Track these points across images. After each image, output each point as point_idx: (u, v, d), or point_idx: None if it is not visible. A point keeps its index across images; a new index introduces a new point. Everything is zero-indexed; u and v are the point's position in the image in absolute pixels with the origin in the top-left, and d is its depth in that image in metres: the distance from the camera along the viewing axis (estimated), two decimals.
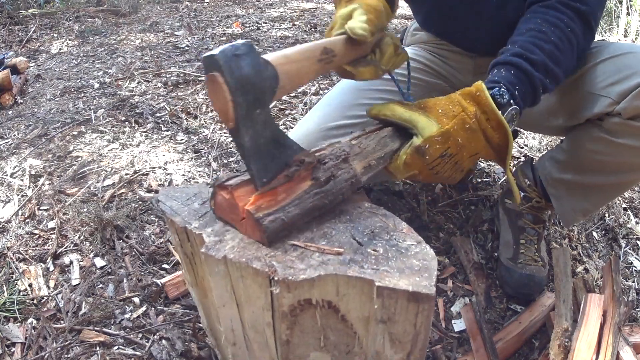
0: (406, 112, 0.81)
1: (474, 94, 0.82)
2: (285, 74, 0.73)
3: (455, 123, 0.79)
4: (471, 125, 0.80)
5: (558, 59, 0.92)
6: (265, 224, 0.66)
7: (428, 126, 0.78)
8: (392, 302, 0.62)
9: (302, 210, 0.70)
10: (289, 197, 0.70)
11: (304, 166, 0.72)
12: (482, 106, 0.80)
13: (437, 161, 0.79)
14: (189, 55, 3.04)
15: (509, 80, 0.87)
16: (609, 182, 1.13)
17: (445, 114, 0.79)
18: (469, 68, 1.31)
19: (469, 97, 0.82)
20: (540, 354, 1.14)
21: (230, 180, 0.71)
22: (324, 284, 0.62)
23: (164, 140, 2.04)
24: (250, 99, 0.67)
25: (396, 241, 0.70)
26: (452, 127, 0.78)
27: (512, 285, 1.30)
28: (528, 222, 1.37)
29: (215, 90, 0.66)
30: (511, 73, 0.88)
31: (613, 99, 0.98)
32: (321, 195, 0.72)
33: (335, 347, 0.70)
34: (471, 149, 0.81)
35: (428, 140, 0.78)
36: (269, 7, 4.58)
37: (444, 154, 0.79)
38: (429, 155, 0.78)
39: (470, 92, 0.82)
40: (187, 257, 0.80)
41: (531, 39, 0.92)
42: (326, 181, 0.73)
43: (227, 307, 0.72)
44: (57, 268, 1.37)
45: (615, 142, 1.02)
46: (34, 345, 1.15)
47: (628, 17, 4.22)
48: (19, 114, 2.36)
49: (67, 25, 3.95)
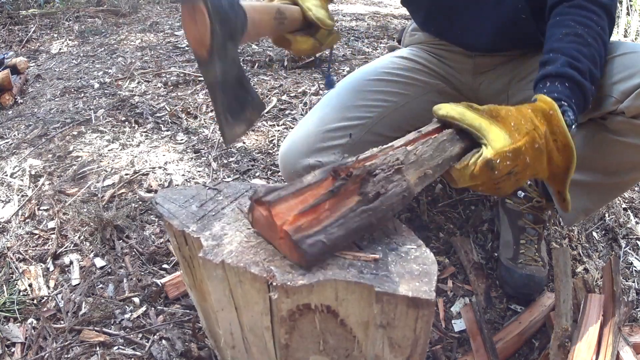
0: (477, 119, 0.76)
1: (547, 113, 0.79)
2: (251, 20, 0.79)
3: (527, 141, 0.75)
4: (540, 146, 0.77)
5: (596, 60, 0.91)
6: (304, 248, 0.60)
7: (500, 139, 0.74)
8: (392, 308, 0.61)
9: (346, 231, 0.64)
10: (333, 216, 0.63)
11: (352, 179, 0.66)
12: (553, 127, 0.78)
13: (504, 178, 0.76)
14: (189, 55, 3.03)
15: (567, 95, 0.84)
16: (611, 181, 1.12)
17: (517, 129, 0.76)
18: (469, 68, 1.31)
19: (542, 115, 0.79)
20: (540, 354, 1.14)
21: (268, 195, 0.64)
22: (323, 289, 0.62)
23: (164, 140, 2.04)
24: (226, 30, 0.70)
25: (396, 245, 0.70)
26: (524, 145, 0.75)
27: (512, 285, 1.30)
28: (528, 222, 1.37)
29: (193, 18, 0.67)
30: (566, 86, 0.86)
31: (616, 98, 0.98)
32: (369, 213, 0.65)
33: (335, 351, 0.70)
34: (534, 170, 0.79)
35: (500, 155, 0.73)
36: None
37: (511, 171, 0.75)
38: (498, 170, 0.74)
39: (543, 109, 0.80)
40: (185, 260, 0.80)
41: (572, 45, 0.90)
42: (375, 197, 0.66)
43: (225, 311, 0.72)
44: (57, 268, 1.38)
45: (618, 140, 1.01)
46: (34, 345, 1.15)
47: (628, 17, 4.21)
48: (19, 114, 2.36)
49: (67, 25, 3.94)
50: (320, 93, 2.43)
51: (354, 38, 3.49)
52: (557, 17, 0.99)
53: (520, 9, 1.12)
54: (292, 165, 1.19)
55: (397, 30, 3.45)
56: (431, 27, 1.33)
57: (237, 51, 0.76)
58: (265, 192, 0.65)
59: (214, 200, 0.81)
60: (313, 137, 1.19)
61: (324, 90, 0.94)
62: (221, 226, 0.74)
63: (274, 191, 0.65)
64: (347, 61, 2.95)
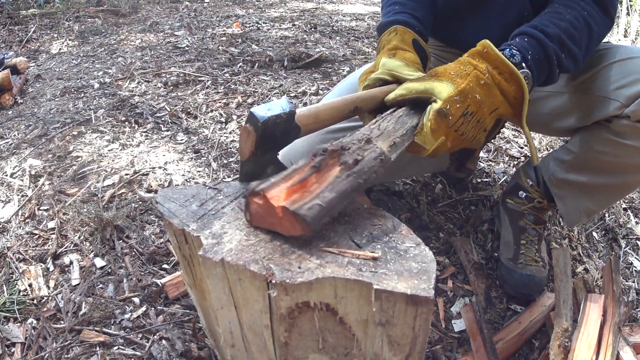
0: (421, 85, 0.82)
1: (481, 52, 0.84)
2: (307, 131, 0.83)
3: (470, 80, 0.80)
4: (486, 81, 0.81)
5: (573, 35, 0.92)
6: (303, 213, 0.64)
7: (444, 89, 0.80)
8: (391, 305, 0.61)
9: (338, 192, 0.68)
10: (322, 185, 0.69)
11: (329, 154, 0.72)
12: (492, 61, 0.83)
13: (460, 120, 0.80)
14: (189, 55, 3.03)
15: (521, 45, 0.88)
16: (614, 183, 1.13)
17: (458, 75, 0.81)
18: None
19: (478, 55, 0.84)
20: (540, 354, 1.14)
21: (260, 185, 0.69)
22: (322, 286, 0.62)
23: (164, 140, 2.04)
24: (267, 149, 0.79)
25: (395, 243, 0.70)
26: (468, 85, 0.80)
27: (513, 285, 1.30)
28: (529, 223, 1.37)
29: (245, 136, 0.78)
30: (525, 40, 0.89)
31: (622, 102, 0.99)
32: (354, 175, 0.71)
33: (334, 349, 0.70)
34: (490, 105, 0.82)
35: (447, 101, 0.78)
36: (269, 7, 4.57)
37: (466, 112, 0.80)
38: (451, 115, 0.79)
39: (478, 50, 0.84)
40: (185, 259, 0.80)
41: (547, 17, 0.94)
42: (355, 163, 0.71)
43: (225, 310, 0.72)
44: (57, 268, 1.38)
45: (623, 143, 1.03)
46: (34, 345, 1.15)
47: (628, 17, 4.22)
48: (19, 114, 2.36)
49: (67, 26, 3.95)
50: (321, 93, 2.43)
51: (354, 38, 3.49)
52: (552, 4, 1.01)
53: (526, 16, 1.13)
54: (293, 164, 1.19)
55: None
56: (437, 33, 1.33)
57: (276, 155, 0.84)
58: (257, 184, 0.69)
59: (214, 200, 0.81)
60: (314, 138, 1.18)
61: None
62: (221, 225, 0.74)
63: (265, 182, 0.70)
64: (347, 61, 2.95)
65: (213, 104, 2.36)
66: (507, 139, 2.13)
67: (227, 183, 0.87)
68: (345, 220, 0.75)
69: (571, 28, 0.93)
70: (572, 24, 0.93)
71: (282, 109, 0.78)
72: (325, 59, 2.92)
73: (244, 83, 2.57)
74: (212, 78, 2.64)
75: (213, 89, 2.52)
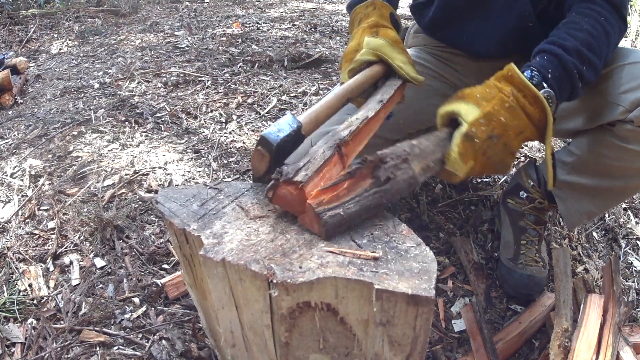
0: (448, 106, 0.83)
1: (506, 75, 0.85)
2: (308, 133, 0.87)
3: (494, 103, 0.81)
4: (510, 104, 0.82)
5: (592, 45, 0.92)
6: (324, 219, 0.68)
7: (471, 112, 0.80)
8: (391, 305, 0.61)
9: (361, 207, 0.72)
10: (350, 194, 0.72)
11: (366, 164, 0.75)
12: (517, 84, 0.83)
13: (487, 143, 0.80)
14: (189, 55, 3.03)
15: (541, 64, 0.88)
16: (616, 186, 1.13)
17: (483, 98, 0.81)
18: (472, 70, 1.30)
19: (502, 78, 0.85)
20: (540, 354, 1.14)
21: (297, 175, 0.73)
22: (323, 286, 0.62)
23: (164, 140, 2.04)
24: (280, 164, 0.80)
25: (396, 243, 0.70)
26: (493, 108, 0.80)
27: (513, 286, 1.30)
28: (529, 223, 1.36)
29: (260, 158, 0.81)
30: (544, 59, 0.89)
31: (626, 107, 0.99)
32: (380, 194, 0.74)
33: (335, 349, 0.70)
34: (516, 128, 0.83)
35: (473, 124, 0.79)
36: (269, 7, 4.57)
37: (491, 135, 0.80)
38: (477, 138, 0.79)
39: (503, 74, 0.85)
40: (186, 259, 0.80)
41: (564, 29, 0.94)
42: (386, 180, 0.74)
43: (226, 309, 0.72)
44: (57, 268, 1.38)
45: (626, 148, 1.03)
46: (34, 345, 1.15)
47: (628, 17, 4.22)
48: (19, 114, 2.36)
49: (67, 26, 3.95)
50: (321, 93, 2.43)
51: None
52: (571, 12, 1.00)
53: (527, 17, 1.13)
54: None
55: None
56: (437, 34, 1.33)
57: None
58: (294, 173, 0.74)
59: (214, 200, 0.81)
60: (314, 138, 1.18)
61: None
62: (222, 225, 0.74)
63: (300, 170, 0.74)
64: None
65: (213, 104, 2.36)
66: None
67: (228, 183, 0.87)
68: None
69: (589, 38, 0.92)
70: (590, 33, 0.92)
71: (290, 126, 0.82)
72: (325, 59, 2.92)
73: (244, 83, 2.57)
74: (212, 78, 2.64)
75: (213, 89, 2.52)
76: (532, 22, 1.13)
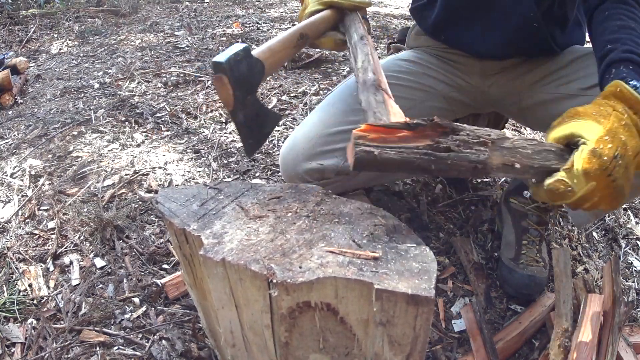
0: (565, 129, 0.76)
1: (615, 92, 0.80)
2: (270, 64, 0.95)
3: (613, 120, 0.75)
4: (626, 121, 0.76)
5: None
6: (357, 150, 0.65)
7: (594, 128, 0.73)
8: (391, 305, 0.61)
9: (401, 159, 0.66)
10: (398, 142, 0.67)
11: (432, 125, 0.68)
12: (628, 101, 0.79)
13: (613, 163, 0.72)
14: (189, 55, 3.04)
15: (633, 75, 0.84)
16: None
17: (600, 115, 0.76)
18: (476, 71, 1.30)
19: (612, 95, 0.80)
20: (540, 354, 1.14)
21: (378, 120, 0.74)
22: (323, 286, 0.62)
23: (164, 140, 2.04)
24: (245, 89, 0.90)
25: (396, 243, 0.70)
26: (613, 124, 0.74)
27: (513, 286, 1.30)
28: (531, 223, 1.36)
29: (220, 86, 0.88)
30: (630, 69, 0.85)
31: None
32: (430, 158, 0.67)
33: (335, 349, 0.70)
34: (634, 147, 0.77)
35: (600, 141, 0.71)
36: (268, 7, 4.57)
37: (616, 154, 0.73)
38: (605, 155, 0.71)
39: (611, 91, 0.80)
40: (186, 259, 0.80)
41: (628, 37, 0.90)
42: (445, 150, 0.67)
43: (225, 309, 0.72)
44: (57, 268, 1.38)
45: None
46: (34, 345, 1.15)
47: None
48: (19, 114, 2.36)
49: (67, 26, 3.95)
50: (321, 93, 2.43)
51: None
52: (606, 12, 0.97)
53: (532, 18, 1.12)
54: (292, 169, 1.19)
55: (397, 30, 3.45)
56: (440, 36, 1.32)
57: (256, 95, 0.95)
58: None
59: (214, 200, 0.81)
60: (314, 141, 1.18)
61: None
62: (222, 225, 0.74)
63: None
64: (347, 61, 2.95)
65: (213, 104, 2.36)
66: None
67: (228, 183, 0.87)
68: (346, 220, 0.75)
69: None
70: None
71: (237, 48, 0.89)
72: (325, 59, 2.92)
73: None
74: (212, 78, 2.64)
75: (213, 89, 2.52)
76: (536, 22, 1.13)
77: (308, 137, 1.19)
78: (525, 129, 2.21)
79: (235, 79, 0.87)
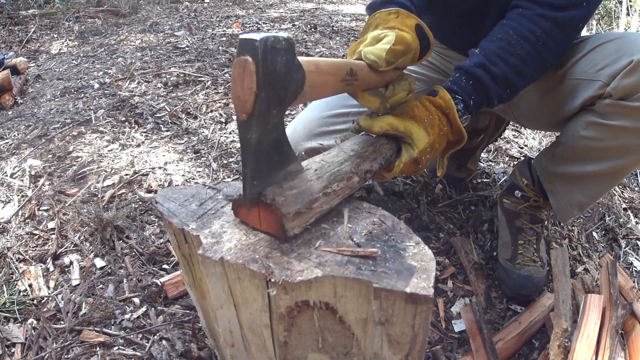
0: (401, 124, 0.86)
1: (445, 110, 0.92)
2: (311, 83, 0.70)
3: (436, 132, 0.89)
4: (444, 132, 0.91)
5: (522, 71, 0.97)
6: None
7: (421, 137, 0.87)
8: (390, 304, 0.61)
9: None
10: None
11: None
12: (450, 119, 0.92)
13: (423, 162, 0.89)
14: (189, 55, 3.04)
15: (466, 91, 0.95)
16: (603, 170, 1.11)
17: (430, 124, 0.88)
18: None
19: (441, 111, 0.92)
20: (540, 354, 1.14)
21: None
22: (321, 285, 0.62)
23: (164, 140, 2.04)
24: (274, 97, 0.63)
25: (394, 242, 0.70)
26: (435, 136, 0.88)
27: (511, 286, 1.30)
28: (526, 222, 1.36)
29: (242, 78, 0.61)
30: (470, 84, 0.95)
31: (604, 81, 1.00)
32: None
33: (334, 348, 0.70)
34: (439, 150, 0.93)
35: (423, 152, 0.87)
36: (269, 7, 4.58)
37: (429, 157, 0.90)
38: (421, 163, 0.88)
39: (442, 107, 0.92)
40: (185, 259, 0.80)
41: (498, 50, 0.97)
42: None
43: (224, 309, 0.72)
44: (57, 268, 1.38)
45: (607, 124, 1.02)
46: (34, 345, 1.15)
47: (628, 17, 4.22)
48: (19, 114, 2.36)
49: (67, 26, 3.95)
50: None
51: (354, 38, 3.49)
52: (505, 20, 1.02)
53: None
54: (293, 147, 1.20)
55: None
56: (439, 37, 1.34)
57: (283, 116, 0.69)
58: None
59: (213, 199, 0.81)
60: (315, 122, 1.24)
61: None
62: (220, 224, 0.74)
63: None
64: None
65: (213, 104, 2.36)
66: (507, 139, 2.13)
67: (227, 183, 0.87)
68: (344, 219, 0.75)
69: (521, 63, 0.97)
70: (523, 59, 0.97)
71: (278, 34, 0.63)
72: None
73: None
74: (212, 78, 2.64)
75: (213, 89, 2.52)
76: None
77: (308, 118, 1.27)
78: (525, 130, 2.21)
79: (265, 72, 0.60)
